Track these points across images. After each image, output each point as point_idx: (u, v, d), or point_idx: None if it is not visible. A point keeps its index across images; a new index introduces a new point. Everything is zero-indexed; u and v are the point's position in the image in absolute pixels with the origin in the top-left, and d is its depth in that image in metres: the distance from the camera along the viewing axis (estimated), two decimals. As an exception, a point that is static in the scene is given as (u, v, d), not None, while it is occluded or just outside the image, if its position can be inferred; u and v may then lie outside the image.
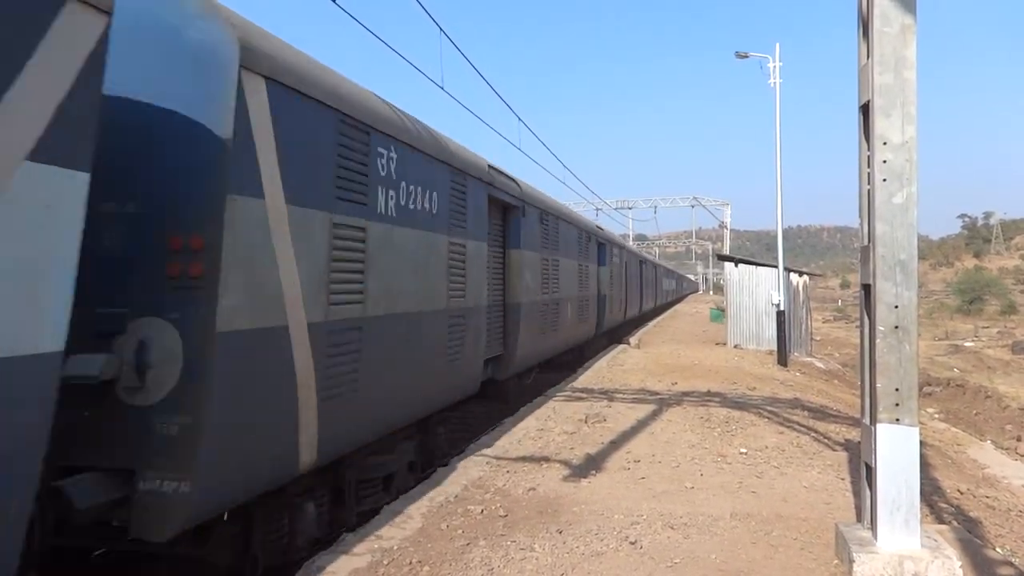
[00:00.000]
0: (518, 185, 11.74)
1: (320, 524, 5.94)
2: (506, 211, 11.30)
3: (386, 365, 6.45)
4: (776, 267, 21.12)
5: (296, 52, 5.50)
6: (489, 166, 10.15)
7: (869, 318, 5.06)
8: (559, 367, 16.41)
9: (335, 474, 6.26)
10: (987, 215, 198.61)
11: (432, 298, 7.59)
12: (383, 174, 6.46)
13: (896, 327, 4.88)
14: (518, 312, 11.15)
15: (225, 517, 4.89)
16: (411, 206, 7.08)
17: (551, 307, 13.57)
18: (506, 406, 11.57)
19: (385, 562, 5.01)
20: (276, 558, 5.40)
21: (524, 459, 7.90)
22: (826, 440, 9.17)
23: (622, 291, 24.57)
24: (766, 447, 8.52)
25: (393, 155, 6.66)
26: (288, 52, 5.29)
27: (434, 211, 7.71)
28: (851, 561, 4.72)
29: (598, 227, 21.64)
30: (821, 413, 11.56)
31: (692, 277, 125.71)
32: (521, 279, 11.28)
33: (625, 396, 12.22)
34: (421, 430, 8.08)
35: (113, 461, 4.14)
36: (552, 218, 13.85)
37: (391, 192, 6.60)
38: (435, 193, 7.75)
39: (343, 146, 5.74)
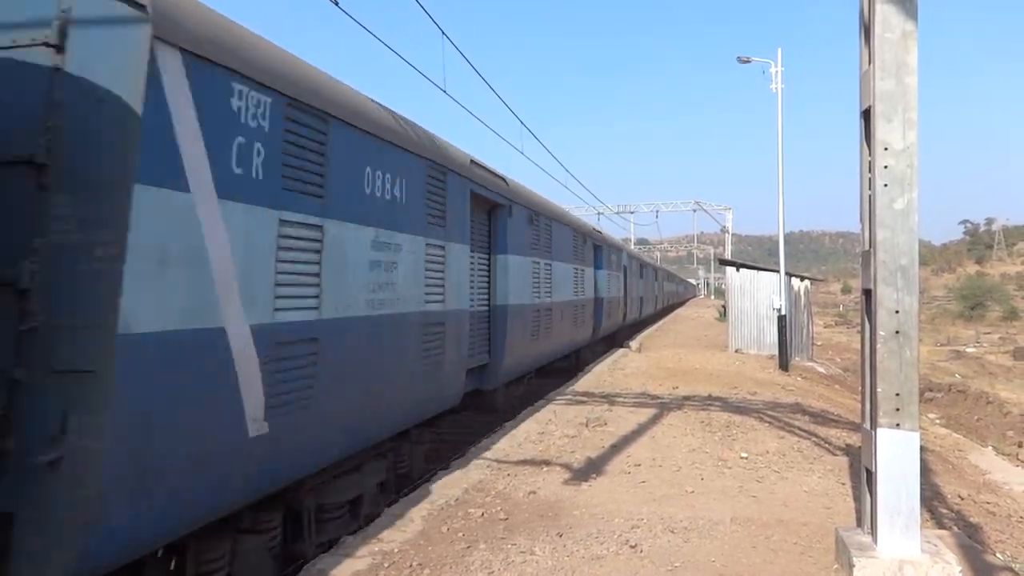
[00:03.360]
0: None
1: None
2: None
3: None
4: (778, 272, 21.12)
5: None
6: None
7: (870, 323, 5.06)
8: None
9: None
10: (989, 221, 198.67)
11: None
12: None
13: (897, 332, 4.89)
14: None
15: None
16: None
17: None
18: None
19: (386, 565, 5.02)
20: None
21: (525, 462, 7.90)
22: (827, 445, 9.17)
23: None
24: (767, 451, 8.52)
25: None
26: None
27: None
28: (851, 566, 4.72)
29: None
30: (822, 418, 11.55)
31: (694, 282, 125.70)
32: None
33: (626, 400, 12.22)
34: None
35: None
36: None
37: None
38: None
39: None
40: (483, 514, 6.14)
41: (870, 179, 5.08)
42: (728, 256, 53.92)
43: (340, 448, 5.83)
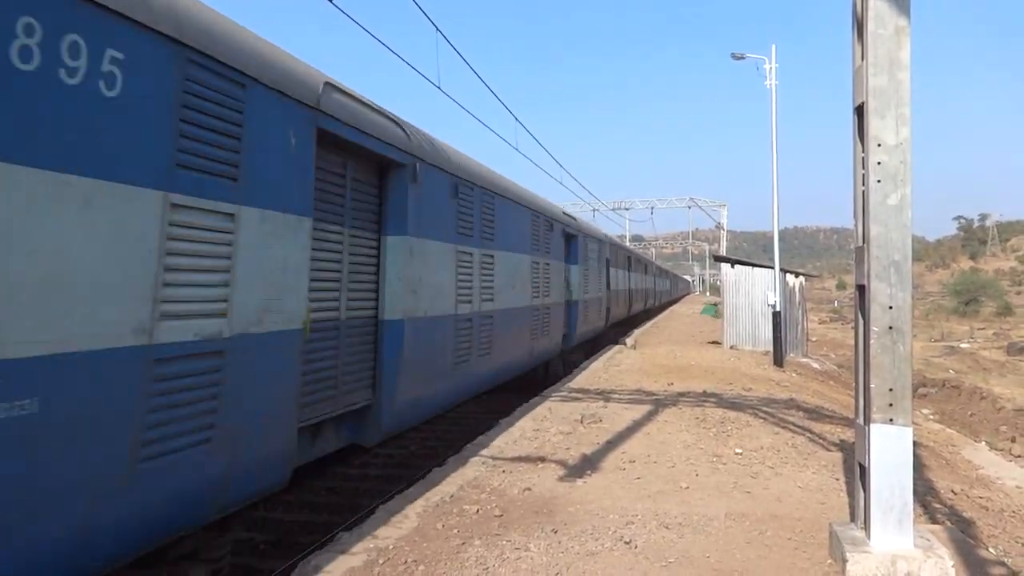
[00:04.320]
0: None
1: None
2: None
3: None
4: (772, 268, 21.15)
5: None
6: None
7: (863, 319, 5.08)
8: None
9: None
10: (983, 217, 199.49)
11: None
12: None
13: (890, 328, 4.90)
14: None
15: None
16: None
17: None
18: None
19: (381, 561, 5.02)
20: None
21: (520, 459, 7.91)
22: (821, 440, 9.20)
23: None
24: (761, 447, 8.54)
25: None
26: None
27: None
28: (844, 560, 4.74)
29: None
30: (816, 414, 11.59)
31: (689, 278, 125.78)
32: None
33: (621, 397, 12.24)
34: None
35: None
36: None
37: None
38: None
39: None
40: (478, 510, 6.15)
41: (863, 175, 5.09)
42: (723, 252, 54.02)
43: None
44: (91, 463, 3.60)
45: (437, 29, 10.82)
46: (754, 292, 22.65)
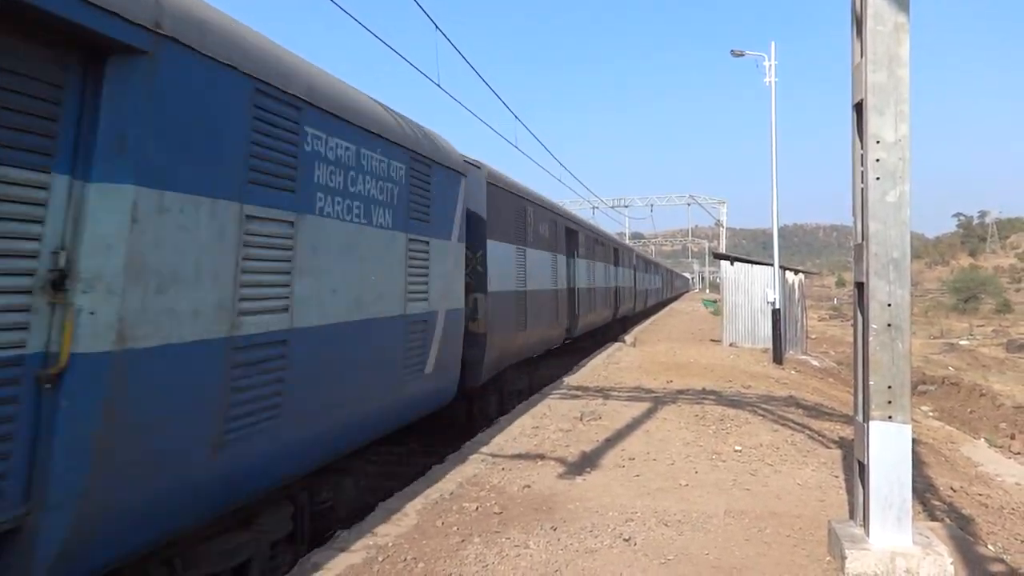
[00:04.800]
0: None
1: None
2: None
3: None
4: (772, 265, 21.15)
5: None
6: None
7: (862, 316, 5.08)
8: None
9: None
10: (982, 214, 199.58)
11: None
12: None
13: (889, 325, 4.90)
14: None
15: None
16: None
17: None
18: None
19: (380, 559, 5.03)
20: None
21: (519, 456, 7.91)
22: (820, 438, 9.20)
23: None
24: (760, 445, 8.55)
25: None
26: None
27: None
28: (843, 558, 4.75)
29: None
30: (816, 411, 11.59)
31: (688, 276, 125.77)
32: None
33: (620, 394, 12.24)
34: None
35: None
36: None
37: None
38: None
39: None
40: (477, 508, 6.15)
41: (862, 172, 5.09)
42: (722, 250, 54.00)
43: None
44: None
45: (436, 27, 10.81)
46: (753, 289, 22.66)
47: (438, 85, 11.83)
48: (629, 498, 6.49)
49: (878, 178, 4.96)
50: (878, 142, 4.98)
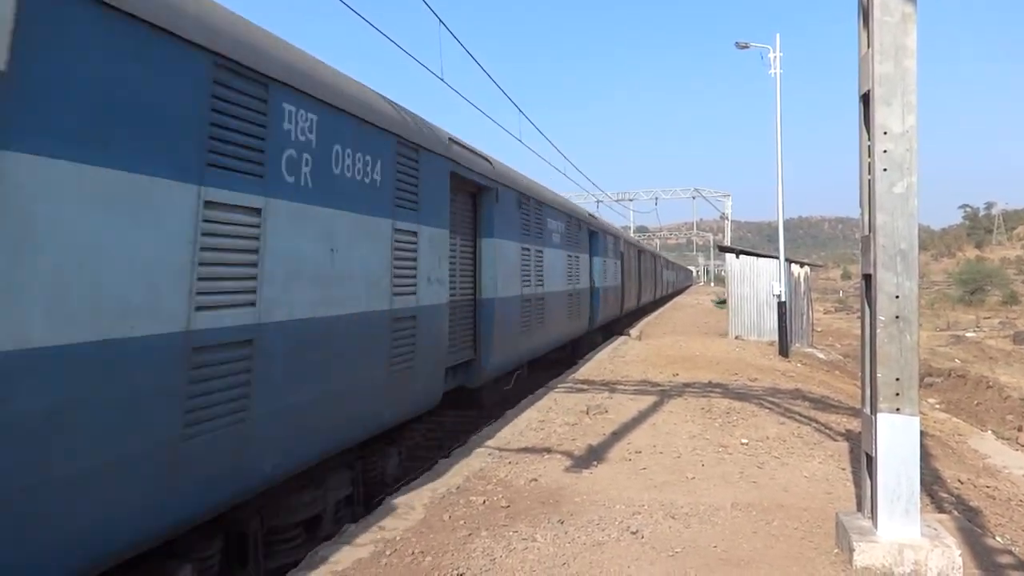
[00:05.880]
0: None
1: None
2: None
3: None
4: (777, 258, 21.10)
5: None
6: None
7: (870, 308, 5.06)
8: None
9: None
10: (989, 205, 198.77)
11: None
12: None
13: (897, 317, 4.88)
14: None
15: None
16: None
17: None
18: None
19: (388, 552, 5.04)
20: None
21: (526, 450, 7.92)
22: (827, 430, 9.19)
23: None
24: (767, 437, 8.54)
25: None
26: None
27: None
28: (851, 550, 4.74)
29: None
30: (822, 404, 11.58)
31: (692, 269, 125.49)
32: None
33: (626, 387, 12.24)
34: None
35: None
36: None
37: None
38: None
39: None
40: (484, 502, 6.16)
41: (869, 163, 5.07)
42: (727, 243, 53.89)
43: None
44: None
45: (440, 20, 10.78)
46: (759, 282, 22.61)
47: (441, 79, 11.80)
48: (636, 491, 6.49)
49: (885, 169, 4.93)
50: (885, 133, 4.95)
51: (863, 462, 5.20)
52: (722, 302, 37.86)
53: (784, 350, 19.09)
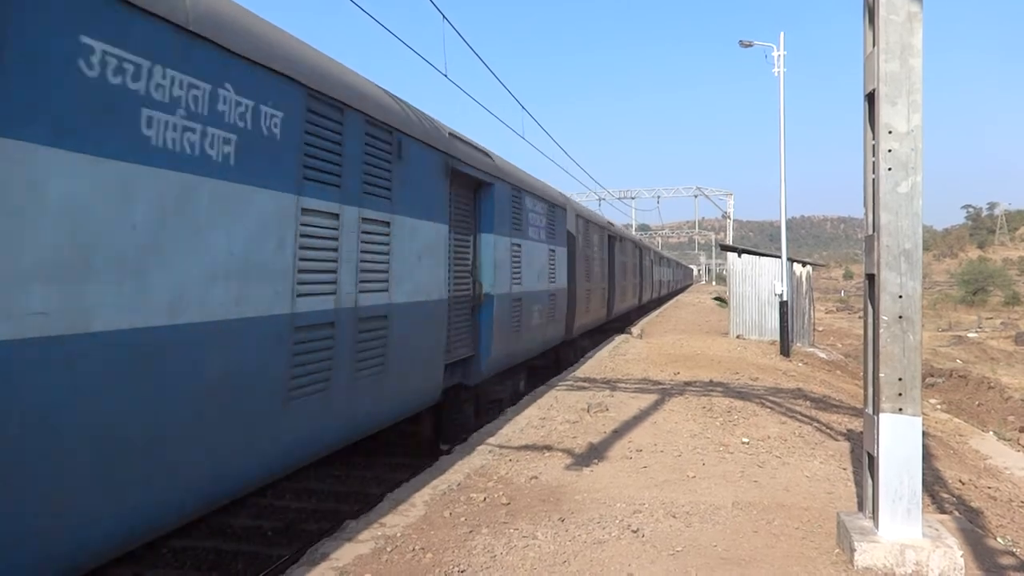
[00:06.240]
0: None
1: None
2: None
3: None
4: (779, 257, 21.08)
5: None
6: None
7: (873, 308, 5.05)
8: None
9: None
10: (992, 205, 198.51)
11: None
12: None
13: (900, 317, 4.87)
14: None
15: None
16: None
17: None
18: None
19: (388, 549, 5.04)
20: None
21: (526, 448, 7.91)
22: (828, 430, 9.18)
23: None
24: (768, 437, 8.53)
25: None
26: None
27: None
28: (852, 550, 4.74)
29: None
30: (823, 403, 11.56)
31: (694, 268, 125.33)
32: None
33: (627, 386, 12.23)
34: None
35: None
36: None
37: None
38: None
39: None
40: (485, 499, 6.16)
41: (874, 163, 5.05)
42: (729, 241, 53.84)
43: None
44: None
45: (444, 17, 10.76)
46: (761, 281, 22.58)
47: (445, 76, 11.79)
48: (637, 489, 6.48)
49: (890, 168, 4.92)
50: (890, 132, 4.93)
51: (865, 462, 5.19)
52: (722, 300, 37.78)
53: (785, 349, 19.07)
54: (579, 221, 17.33)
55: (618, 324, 25.64)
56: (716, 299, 42.92)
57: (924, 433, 9.22)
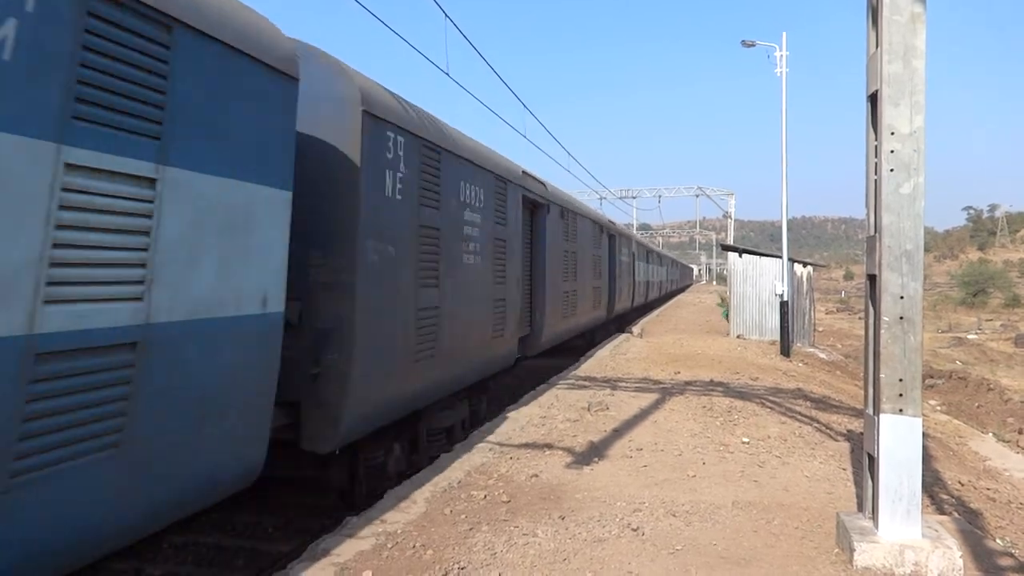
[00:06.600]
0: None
1: None
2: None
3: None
4: (780, 257, 21.08)
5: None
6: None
7: (874, 308, 5.06)
8: None
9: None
10: (992, 207, 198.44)
11: None
12: None
13: (901, 318, 4.88)
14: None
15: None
16: None
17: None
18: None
19: (389, 545, 5.05)
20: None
21: (527, 446, 7.93)
22: (828, 430, 9.19)
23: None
24: (768, 437, 8.54)
25: None
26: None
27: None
28: (852, 550, 4.75)
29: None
30: (823, 403, 11.58)
31: (694, 268, 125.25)
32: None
33: (628, 385, 12.25)
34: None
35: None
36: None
37: None
38: None
39: None
40: (486, 496, 6.17)
41: (876, 164, 5.06)
42: (730, 241, 53.80)
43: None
44: None
45: (446, 15, 10.76)
46: (761, 281, 22.59)
47: (447, 74, 11.79)
48: (637, 488, 6.50)
49: (892, 170, 4.92)
50: (892, 133, 4.94)
51: (865, 462, 5.20)
52: (724, 303, 37.62)
53: (786, 350, 19.09)
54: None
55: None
56: (720, 305, 42.90)
57: (924, 434, 9.23)
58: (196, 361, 4.19)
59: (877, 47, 5.06)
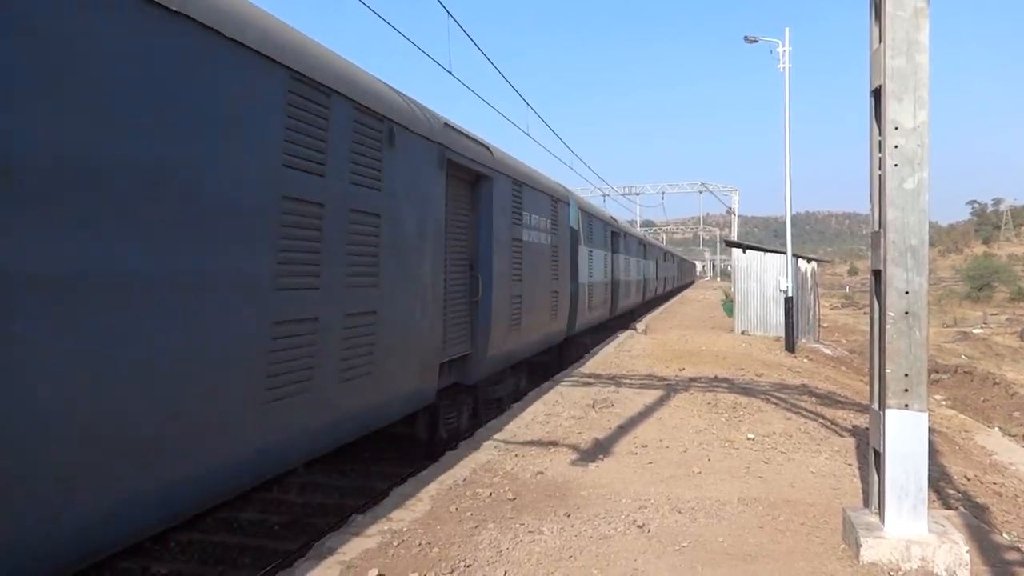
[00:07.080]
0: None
1: None
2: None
3: None
4: (784, 253, 21.04)
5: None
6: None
7: (879, 304, 5.05)
8: None
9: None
10: (997, 201, 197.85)
11: None
12: None
13: (906, 313, 4.87)
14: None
15: None
16: None
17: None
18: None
19: (395, 543, 5.06)
20: None
21: (532, 443, 7.94)
22: (833, 426, 9.18)
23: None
24: (773, 433, 8.54)
25: None
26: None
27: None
28: (858, 546, 4.75)
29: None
30: (828, 399, 11.56)
31: (698, 264, 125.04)
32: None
33: (632, 382, 12.25)
34: None
35: None
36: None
37: None
38: None
39: None
40: (491, 494, 6.18)
41: (880, 159, 5.05)
42: (734, 237, 53.73)
43: None
44: None
45: (448, 13, 10.76)
46: (765, 277, 22.56)
47: (450, 72, 11.79)
48: (642, 485, 6.50)
49: (896, 165, 4.91)
50: (896, 128, 4.92)
51: (870, 458, 5.19)
52: (727, 300, 37.51)
53: (790, 345, 19.06)
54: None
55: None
56: (724, 302, 42.77)
57: (929, 429, 9.21)
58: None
59: (880, 42, 5.04)
